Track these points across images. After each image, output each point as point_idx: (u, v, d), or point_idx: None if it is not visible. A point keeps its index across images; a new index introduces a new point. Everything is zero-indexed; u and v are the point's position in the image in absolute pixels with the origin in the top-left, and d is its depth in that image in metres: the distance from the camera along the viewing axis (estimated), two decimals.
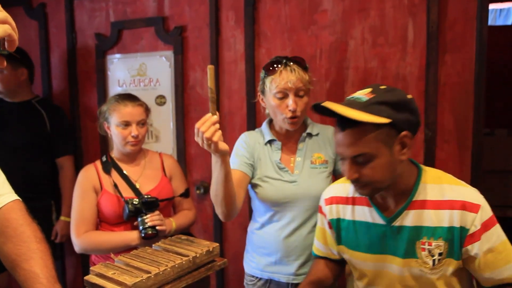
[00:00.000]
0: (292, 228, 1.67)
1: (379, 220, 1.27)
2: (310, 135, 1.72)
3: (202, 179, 2.45)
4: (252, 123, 2.25)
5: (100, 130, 1.91)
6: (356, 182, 1.19)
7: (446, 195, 1.20)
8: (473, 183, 1.89)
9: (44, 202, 2.51)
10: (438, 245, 1.20)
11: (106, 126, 1.86)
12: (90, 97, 2.69)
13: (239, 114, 2.31)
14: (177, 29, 2.40)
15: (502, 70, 3.39)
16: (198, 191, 2.42)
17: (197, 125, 1.30)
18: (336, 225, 1.39)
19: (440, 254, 1.20)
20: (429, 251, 1.21)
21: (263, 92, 1.67)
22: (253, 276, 1.78)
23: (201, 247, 1.32)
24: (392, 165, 1.16)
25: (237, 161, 1.68)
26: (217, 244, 1.35)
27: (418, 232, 1.22)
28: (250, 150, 1.71)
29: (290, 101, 1.57)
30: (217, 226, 2.41)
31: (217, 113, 1.31)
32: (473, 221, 1.17)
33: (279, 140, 1.71)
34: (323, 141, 1.73)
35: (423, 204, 1.21)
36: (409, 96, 1.17)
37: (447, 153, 1.94)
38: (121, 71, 2.60)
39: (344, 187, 1.39)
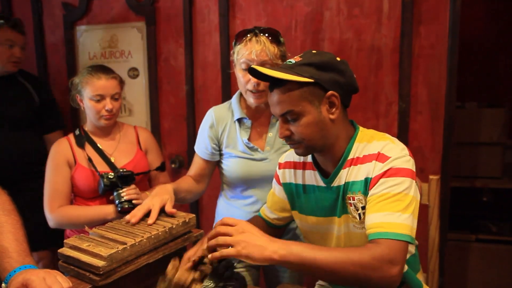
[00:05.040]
0: (261, 205, 1.60)
1: (321, 182, 1.29)
2: None
3: (177, 153, 2.42)
4: (227, 96, 2.22)
5: (72, 102, 1.85)
6: (289, 139, 1.23)
7: (370, 150, 1.21)
8: (444, 154, 1.94)
9: (40, 182, 2.35)
10: (359, 198, 1.20)
11: (78, 98, 1.81)
12: (59, 70, 2.61)
13: (214, 87, 2.28)
14: None
15: (474, 44, 3.44)
16: (173, 165, 2.40)
17: None
18: (289, 189, 1.40)
19: (363, 208, 1.19)
20: (355, 206, 1.21)
21: (234, 62, 1.62)
22: None
23: (177, 218, 1.31)
24: (320, 123, 1.19)
25: (202, 148, 1.68)
26: (193, 215, 1.34)
27: (346, 188, 1.23)
28: (215, 130, 1.66)
29: None
30: None
31: None
32: (377, 169, 1.16)
33: (250, 117, 1.64)
34: None
35: (353, 162, 1.23)
36: (338, 59, 1.21)
37: (420, 124, 1.97)
38: (91, 43, 2.52)
39: None
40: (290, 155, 1.42)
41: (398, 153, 1.17)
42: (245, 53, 1.50)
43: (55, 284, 0.96)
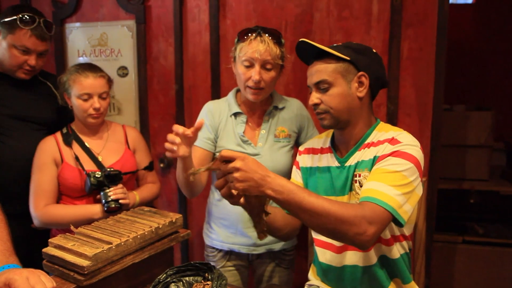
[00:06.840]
0: None
1: (335, 163, 1.40)
2: (276, 108, 1.72)
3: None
4: (217, 96, 2.22)
5: (60, 100, 1.84)
6: (317, 107, 1.34)
7: (385, 136, 1.32)
8: (432, 156, 1.96)
9: None
10: (365, 175, 1.29)
11: (66, 97, 1.80)
12: (48, 67, 2.56)
13: (203, 87, 2.28)
14: None
15: (462, 47, 3.48)
16: (161, 164, 2.39)
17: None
18: (306, 173, 1.48)
19: None
20: (359, 182, 1.30)
21: (234, 58, 1.66)
22: (213, 248, 1.79)
23: (164, 218, 1.31)
24: (348, 97, 1.32)
25: (200, 137, 1.67)
26: (180, 215, 1.34)
27: (355, 166, 1.33)
28: (214, 122, 1.70)
29: (254, 71, 1.56)
30: (182, 199, 2.40)
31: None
32: (387, 150, 1.26)
33: (245, 113, 1.71)
34: (289, 114, 1.74)
35: (367, 145, 1.34)
36: (374, 51, 1.38)
37: (408, 126, 1.99)
38: (80, 40, 2.50)
39: (318, 140, 1.53)
40: (310, 143, 1.55)
41: (410, 141, 1.27)
42: (249, 51, 1.56)
43: (38, 284, 0.95)
